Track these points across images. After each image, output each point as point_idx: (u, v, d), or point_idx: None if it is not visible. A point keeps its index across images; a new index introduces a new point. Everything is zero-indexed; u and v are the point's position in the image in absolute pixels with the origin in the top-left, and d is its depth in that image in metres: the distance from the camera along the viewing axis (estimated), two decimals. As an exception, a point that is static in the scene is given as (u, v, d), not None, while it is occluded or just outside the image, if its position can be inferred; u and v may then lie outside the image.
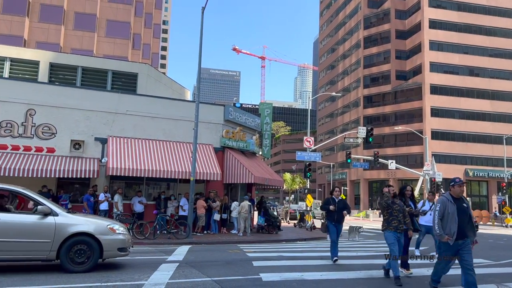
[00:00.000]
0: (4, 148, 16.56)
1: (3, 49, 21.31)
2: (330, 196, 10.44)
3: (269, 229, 20.27)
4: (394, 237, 7.82)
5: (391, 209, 7.93)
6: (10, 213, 7.89)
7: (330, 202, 10.18)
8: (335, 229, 10.09)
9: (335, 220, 10.11)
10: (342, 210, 10.15)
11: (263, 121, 24.75)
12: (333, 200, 10.23)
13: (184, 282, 7.19)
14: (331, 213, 10.11)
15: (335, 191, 10.42)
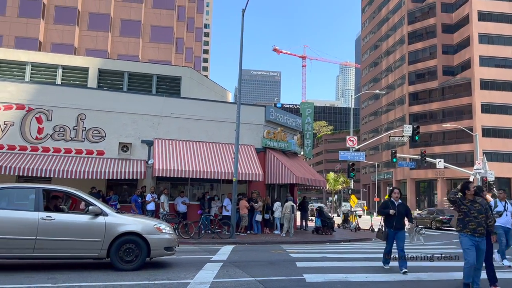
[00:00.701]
0: (58, 151, 17.47)
1: (56, 57, 22.47)
2: (388, 199, 9.14)
3: (325, 230, 20.39)
4: (471, 242, 6.67)
5: (465, 207, 6.79)
6: (64, 213, 8.32)
7: (389, 206, 8.88)
8: (394, 236, 8.87)
9: (394, 227, 8.83)
10: (403, 215, 8.86)
11: (305, 121, 24.60)
12: (392, 203, 8.92)
13: (229, 282, 7.29)
14: (390, 219, 8.87)
15: (393, 192, 9.05)
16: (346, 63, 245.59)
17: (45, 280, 6.99)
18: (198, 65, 62.30)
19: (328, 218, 21.24)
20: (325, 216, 21.24)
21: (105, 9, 42.55)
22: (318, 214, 21.34)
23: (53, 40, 40.42)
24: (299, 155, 24.24)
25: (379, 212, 9.23)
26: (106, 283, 6.85)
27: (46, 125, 17.53)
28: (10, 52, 22.30)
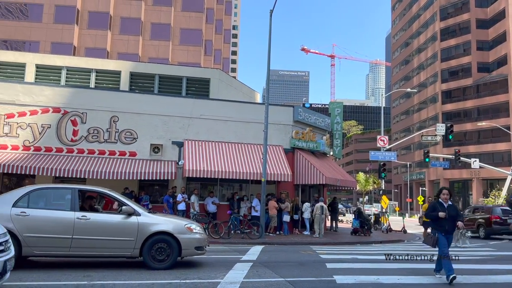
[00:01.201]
0: (92, 153, 18.00)
1: (89, 62, 23.17)
2: (436, 200, 8.36)
3: (363, 231, 20.29)
4: None
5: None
6: (98, 213, 8.57)
7: (438, 208, 8.07)
8: (446, 241, 8.04)
9: (445, 231, 7.99)
10: (454, 217, 8.06)
11: (334, 120, 24.37)
12: (441, 205, 8.11)
13: (258, 282, 7.32)
14: (441, 222, 8.05)
15: (442, 193, 8.20)
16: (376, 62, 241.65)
17: (81, 277, 7.23)
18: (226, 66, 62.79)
19: (367, 220, 21.24)
20: (363, 217, 21.23)
21: (136, 14, 43.52)
22: (357, 216, 21.33)
23: (86, 44, 41.67)
24: (328, 156, 24.04)
25: (428, 216, 8.38)
26: (139, 282, 7.02)
27: (80, 128, 18.11)
28: (47, 57, 23.16)
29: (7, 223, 7.53)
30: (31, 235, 7.72)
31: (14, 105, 17.69)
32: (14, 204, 7.89)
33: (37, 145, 17.65)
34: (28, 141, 17.60)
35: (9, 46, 40.21)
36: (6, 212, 7.75)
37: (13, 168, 16.17)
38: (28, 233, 7.72)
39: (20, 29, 40.62)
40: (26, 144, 17.57)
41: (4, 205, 7.84)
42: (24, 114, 17.70)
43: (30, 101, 17.86)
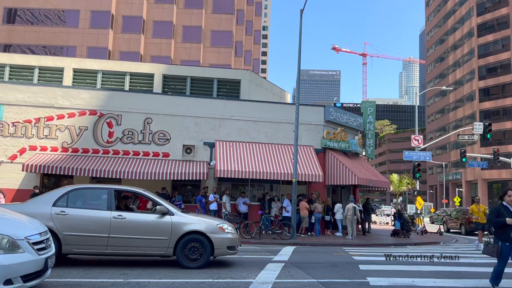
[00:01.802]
0: (127, 154, 18.48)
1: (124, 65, 23.80)
2: (499, 203, 7.20)
3: (404, 233, 19.99)
4: None
5: None
6: (133, 213, 8.79)
7: (503, 213, 6.92)
8: (509, 252, 6.86)
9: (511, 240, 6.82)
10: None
11: (366, 120, 24.00)
12: (507, 209, 6.96)
13: (290, 282, 7.31)
14: (506, 230, 6.84)
15: (507, 195, 7.06)
16: (409, 59, 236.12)
17: (118, 275, 7.44)
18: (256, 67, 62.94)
19: (407, 221, 20.95)
20: (404, 219, 20.94)
21: (168, 17, 44.32)
22: (398, 217, 21.11)
23: (121, 48, 42.79)
24: (360, 156, 23.69)
25: (491, 222, 7.15)
26: (173, 280, 7.15)
27: (116, 129, 18.62)
28: (83, 62, 23.95)
29: (48, 221, 7.83)
30: (70, 234, 8.01)
31: (53, 108, 18.39)
32: (54, 203, 8.21)
33: (75, 146, 18.28)
34: (67, 143, 18.26)
35: (48, 51, 41.81)
36: (46, 211, 8.07)
37: (52, 169, 16.81)
38: (67, 232, 8.01)
39: (58, 34, 42.17)
40: (65, 146, 18.23)
41: (45, 205, 8.16)
42: (62, 116, 18.38)
43: (68, 104, 18.52)
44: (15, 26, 42.53)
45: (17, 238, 5.11)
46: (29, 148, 17.96)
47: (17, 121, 18.10)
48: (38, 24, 42.50)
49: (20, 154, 17.83)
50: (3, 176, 17.54)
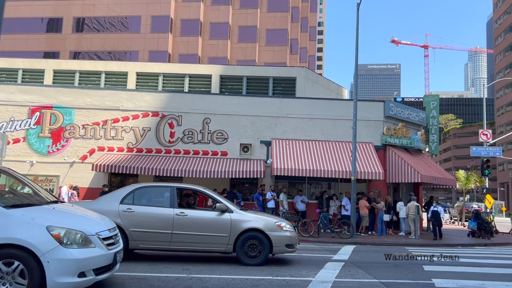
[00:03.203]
0: (187, 153, 19.09)
1: (183, 67, 24.59)
2: None
3: (481, 234, 19.05)
4: None
5: None
6: (195, 210, 9.08)
7: None
8: None
9: None
10: None
11: (429, 114, 22.95)
12: None
13: (351, 282, 7.19)
14: None
15: None
16: (475, 50, 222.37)
17: (180, 270, 7.72)
18: (312, 64, 62.35)
19: (486, 222, 19.82)
20: (482, 219, 19.87)
21: (224, 18, 45.14)
22: (474, 217, 20.17)
23: (180, 51, 44.25)
24: (423, 152, 22.71)
25: None
26: (234, 276, 7.30)
27: (177, 130, 19.29)
28: (145, 66, 25.06)
29: (116, 218, 8.30)
30: (136, 230, 8.44)
31: (119, 111, 19.41)
32: (121, 201, 8.68)
33: (139, 146, 19.18)
34: (131, 143, 19.20)
35: (113, 56, 44.20)
36: (114, 208, 8.55)
37: (119, 168, 17.76)
38: (133, 228, 8.44)
39: (122, 40, 44.42)
40: (130, 146, 19.18)
41: (113, 202, 8.66)
42: (127, 118, 19.34)
43: (132, 106, 19.46)
44: (83, 34, 45.37)
45: (89, 234, 5.47)
46: (97, 149, 19.10)
47: (87, 124, 19.31)
48: (104, 31, 45.03)
49: (90, 155, 19.02)
50: (75, 175, 18.79)
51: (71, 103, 19.43)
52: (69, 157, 19.00)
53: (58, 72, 24.44)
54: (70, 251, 5.17)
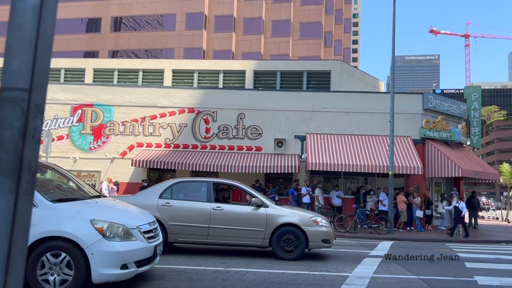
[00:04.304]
0: (222, 148, 19.30)
1: (217, 63, 24.82)
2: None
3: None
4: None
5: None
6: (231, 204, 9.19)
7: None
8: None
9: None
10: None
11: (470, 106, 22.12)
12: None
13: (389, 278, 7.09)
14: None
15: None
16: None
17: (218, 264, 7.86)
18: (347, 56, 61.32)
19: None
20: None
21: (257, 13, 45.10)
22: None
23: (214, 47, 44.63)
24: (464, 146, 21.93)
25: None
26: (270, 271, 7.36)
27: (212, 125, 19.53)
28: (181, 63, 25.47)
29: (155, 212, 8.53)
30: (174, 224, 8.65)
31: (156, 108, 19.86)
32: (160, 195, 8.91)
33: (176, 142, 19.57)
34: (169, 139, 19.62)
35: (149, 54, 45.16)
36: (153, 202, 8.79)
37: (157, 164, 18.20)
38: (172, 222, 8.65)
39: (158, 38, 45.27)
40: (167, 142, 19.60)
41: (152, 197, 8.90)
42: (164, 115, 19.76)
43: (169, 103, 19.86)
44: (121, 33, 46.58)
45: (130, 227, 5.66)
46: (136, 145, 19.64)
47: (126, 121, 19.88)
48: (140, 30, 46.05)
49: (129, 151, 19.59)
50: (115, 171, 19.42)
51: (111, 101, 20.04)
52: (110, 153, 19.64)
53: (98, 71, 25.26)
54: (113, 244, 5.37)
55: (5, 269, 1.04)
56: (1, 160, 1.07)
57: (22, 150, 1.09)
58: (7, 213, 1.05)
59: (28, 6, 1.10)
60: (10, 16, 1.13)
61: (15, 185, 1.07)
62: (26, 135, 1.12)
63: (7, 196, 1.06)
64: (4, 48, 1.15)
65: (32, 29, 1.11)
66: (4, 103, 1.10)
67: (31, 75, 1.11)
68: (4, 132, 1.09)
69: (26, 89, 1.11)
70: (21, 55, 1.10)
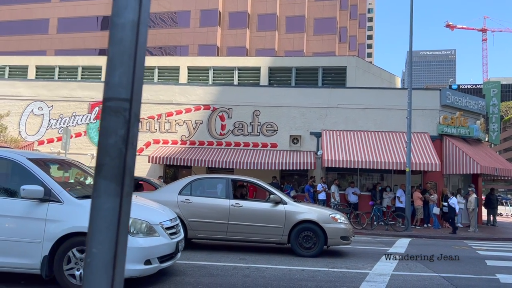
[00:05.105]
0: (238, 145, 19.36)
1: (232, 60, 24.84)
2: None
3: None
4: None
5: None
6: (249, 201, 9.24)
7: None
8: None
9: None
10: None
11: (489, 102, 21.77)
12: None
13: (409, 275, 7.06)
14: None
15: None
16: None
17: (237, 260, 7.92)
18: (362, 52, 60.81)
19: None
20: None
21: (271, 9, 44.99)
22: None
23: (228, 44, 44.69)
24: (483, 142, 21.62)
25: None
26: (290, 267, 7.39)
27: (227, 122, 19.61)
28: (196, 60, 25.57)
29: (175, 209, 8.62)
30: (194, 220, 8.73)
31: (172, 105, 20.01)
32: (180, 192, 9.00)
33: (192, 139, 19.70)
34: (185, 136, 19.75)
35: (164, 51, 45.43)
36: (173, 199, 8.89)
37: (173, 160, 18.35)
38: (191, 218, 8.74)
39: (172, 35, 45.51)
40: (183, 139, 19.74)
41: (172, 193, 9.00)
42: (180, 112, 19.90)
43: (184, 100, 19.98)
44: (136, 31, 46.91)
45: (153, 223, 5.74)
46: (153, 142, 19.83)
47: (142, 118, 20.07)
48: (155, 27, 46.35)
49: (146, 147, 19.79)
50: (132, 167, 19.62)
51: (127, 98, 20.24)
52: (127, 150, 19.85)
53: (114, 69, 25.50)
54: (137, 240, 5.46)
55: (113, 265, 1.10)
56: (106, 166, 1.12)
57: (125, 156, 1.14)
58: (113, 214, 1.11)
59: (127, 21, 1.16)
60: (110, 30, 1.18)
61: (120, 188, 1.14)
62: (128, 142, 1.18)
63: (113, 198, 1.12)
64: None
65: (131, 43, 1.17)
66: (107, 112, 1.15)
67: (131, 86, 1.16)
68: (108, 140, 1.14)
69: (127, 99, 1.17)
70: (122, 67, 1.16)
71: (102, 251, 1.13)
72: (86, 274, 1.15)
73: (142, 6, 1.16)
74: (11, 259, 5.33)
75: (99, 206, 1.13)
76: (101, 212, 1.13)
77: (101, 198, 1.13)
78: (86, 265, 1.15)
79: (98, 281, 1.11)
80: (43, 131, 20.57)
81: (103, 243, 1.13)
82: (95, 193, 1.13)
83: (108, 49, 1.19)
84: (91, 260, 1.13)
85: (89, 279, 1.12)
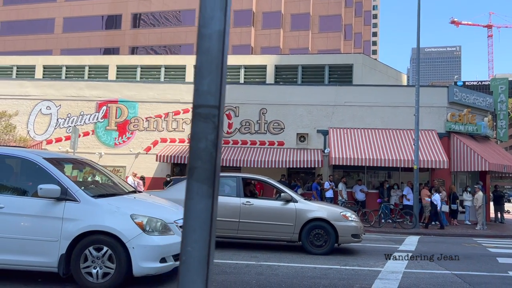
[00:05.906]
0: (245, 143, 19.40)
1: (238, 58, 24.85)
2: None
3: None
4: None
5: None
6: (260, 199, 9.28)
7: None
8: None
9: None
10: None
11: (497, 99, 21.66)
12: None
13: (422, 273, 7.07)
14: None
15: None
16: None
17: (249, 258, 7.96)
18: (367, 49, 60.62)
19: None
20: None
21: (276, 7, 44.93)
22: None
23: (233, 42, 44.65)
24: (491, 139, 21.53)
25: None
26: (302, 265, 7.42)
27: (234, 121, 19.64)
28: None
29: (186, 207, 8.67)
30: (205, 218, 8.77)
31: (179, 103, 20.07)
32: (190, 190, 9.05)
33: (198, 137, 19.73)
34: (191, 135, 19.78)
35: (168, 50, 45.51)
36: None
37: (180, 159, 18.42)
38: (202, 216, 8.78)
39: (177, 34, 45.57)
40: (190, 137, 19.78)
41: (184, 192, 9.04)
42: (187, 110, 19.96)
43: (191, 99, 19.99)
44: (140, 29, 47.06)
45: (168, 222, 5.78)
46: (160, 140, 19.90)
47: (150, 116, 20.16)
48: (160, 26, 46.42)
49: (153, 146, 19.88)
50: (140, 166, 19.74)
51: (135, 97, 20.34)
52: (134, 148, 19.96)
53: (121, 67, 25.61)
54: (152, 238, 5.51)
55: (207, 262, 1.14)
56: (198, 169, 1.17)
57: (215, 159, 1.18)
58: (206, 214, 1.15)
59: (214, 31, 1.20)
60: (198, 40, 1.22)
61: (211, 190, 1.19)
62: (217, 146, 1.24)
63: (206, 199, 1.16)
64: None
65: (218, 52, 1.22)
66: (198, 119, 1.19)
67: (219, 93, 1.20)
68: (199, 144, 1.18)
69: (216, 106, 1.23)
70: (210, 75, 1.20)
71: (197, 249, 1.18)
72: (182, 271, 1.21)
73: (226, 16, 1.19)
74: (28, 258, 5.40)
75: (192, 207, 1.17)
76: (194, 213, 1.17)
77: (194, 199, 1.17)
78: (182, 263, 1.20)
79: (193, 278, 1.15)
80: (51, 131, 20.70)
81: (198, 241, 1.19)
82: (188, 194, 1.17)
83: (196, 58, 1.22)
84: (186, 258, 1.18)
85: (185, 276, 1.17)
